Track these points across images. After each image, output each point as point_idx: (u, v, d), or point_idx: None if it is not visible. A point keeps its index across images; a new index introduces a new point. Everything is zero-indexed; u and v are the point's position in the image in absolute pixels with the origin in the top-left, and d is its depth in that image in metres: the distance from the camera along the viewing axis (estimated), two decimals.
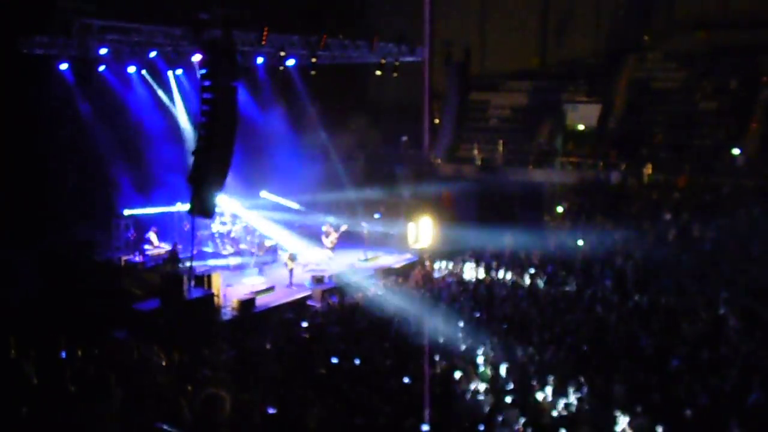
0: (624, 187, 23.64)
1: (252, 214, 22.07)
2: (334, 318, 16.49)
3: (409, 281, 19.83)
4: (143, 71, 21.41)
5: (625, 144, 26.22)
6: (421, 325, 14.20)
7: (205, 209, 16.34)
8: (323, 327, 15.66)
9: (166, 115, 22.27)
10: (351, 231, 22.13)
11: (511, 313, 15.68)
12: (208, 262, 20.29)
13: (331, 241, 21.28)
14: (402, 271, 21.09)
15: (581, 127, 28.72)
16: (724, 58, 27.35)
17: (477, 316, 15.59)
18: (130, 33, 18.33)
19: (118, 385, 5.73)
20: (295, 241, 21.28)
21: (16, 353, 7.87)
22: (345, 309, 17.27)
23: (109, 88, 20.86)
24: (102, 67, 20.23)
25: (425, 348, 12.09)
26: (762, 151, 24.23)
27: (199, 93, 16.17)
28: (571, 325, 14.56)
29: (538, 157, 27.16)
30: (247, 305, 17.05)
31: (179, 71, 21.96)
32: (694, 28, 28.50)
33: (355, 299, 18.12)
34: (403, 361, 12.42)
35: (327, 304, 17.93)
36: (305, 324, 15.93)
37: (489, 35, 33.23)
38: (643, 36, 30.32)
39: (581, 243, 20.30)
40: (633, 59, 29.44)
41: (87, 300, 15.59)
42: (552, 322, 14.86)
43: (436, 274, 20.01)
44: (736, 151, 24.16)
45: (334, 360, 12.68)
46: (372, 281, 19.56)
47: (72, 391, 5.78)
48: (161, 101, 22.13)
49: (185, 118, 22.47)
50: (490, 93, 31.72)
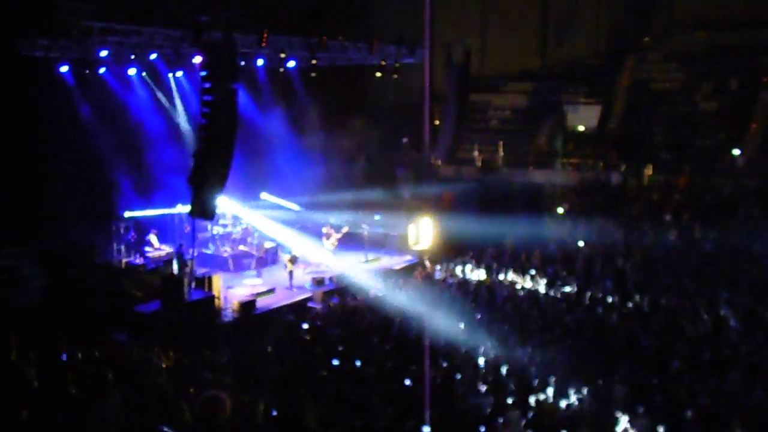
0: (624, 188, 23.64)
1: (253, 214, 22.07)
2: (335, 320, 16.49)
3: (410, 283, 19.81)
4: (143, 73, 21.42)
5: (625, 145, 26.23)
6: (422, 326, 14.17)
7: (205, 211, 16.32)
8: (324, 329, 15.66)
9: (166, 117, 22.26)
10: (351, 232, 22.12)
11: (512, 314, 15.68)
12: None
13: (331, 242, 21.26)
14: (403, 272, 21.07)
15: (581, 128, 28.73)
16: (724, 59, 27.36)
17: (478, 317, 15.59)
18: (131, 35, 18.36)
19: (118, 387, 5.74)
20: (297, 240, 21.26)
21: (17, 356, 7.87)
22: (346, 311, 17.26)
23: (109, 90, 20.86)
24: (102, 69, 20.24)
25: (426, 349, 12.07)
26: (762, 152, 24.24)
27: (200, 95, 16.17)
28: (571, 326, 14.56)
29: (538, 158, 27.18)
30: (247, 307, 17.05)
31: (179, 73, 21.97)
32: (694, 28, 28.51)
33: (358, 300, 18.12)
34: (404, 363, 12.42)
35: (328, 306, 17.92)
36: (306, 326, 15.93)
37: (489, 37, 33.26)
38: (643, 37, 30.34)
39: (582, 244, 20.31)
40: (633, 60, 29.46)
41: (88, 302, 15.61)
42: (553, 322, 14.86)
43: (436, 276, 20.00)
44: (737, 151, 24.17)
45: (335, 362, 12.68)
46: (376, 281, 19.59)
47: (73, 393, 5.79)
48: (161, 103, 22.13)
49: (185, 120, 22.48)
50: (490, 94, 31.73)
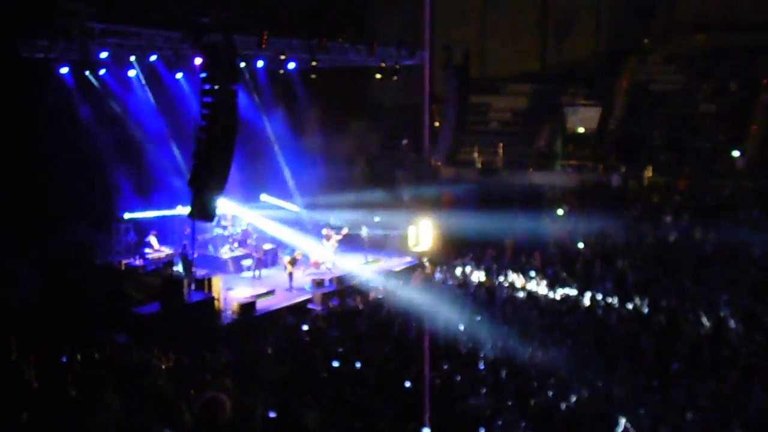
0: (624, 190, 23.64)
1: (254, 214, 22.08)
2: (335, 321, 16.48)
3: (410, 284, 19.80)
4: (143, 75, 21.39)
5: (625, 146, 26.24)
6: (422, 327, 14.16)
7: (205, 212, 16.33)
8: (324, 330, 15.64)
9: (166, 119, 22.24)
10: (351, 234, 22.11)
11: (512, 315, 15.67)
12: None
13: (331, 244, 21.26)
14: (402, 274, 21.06)
15: (581, 129, 28.73)
16: (723, 61, 27.39)
17: (478, 318, 15.57)
18: (131, 37, 18.34)
19: (117, 388, 5.73)
20: (298, 240, 21.27)
21: (17, 356, 7.87)
22: (346, 312, 17.25)
23: (109, 92, 20.84)
24: (102, 71, 20.22)
25: (426, 351, 12.05)
26: (762, 153, 24.25)
27: (200, 96, 16.18)
28: (571, 328, 14.55)
29: (538, 159, 27.18)
30: (247, 309, 17.03)
31: (179, 75, 21.96)
32: (694, 30, 28.53)
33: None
34: (403, 364, 12.41)
35: (327, 308, 17.92)
36: (306, 327, 15.92)
37: (489, 38, 33.28)
38: (643, 38, 30.35)
39: (582, 245, 20.31)
40: (633, 62, 29.48)
41: (87, 303, 15.60)
42: (553, 324, 14.85)
43: (436, 277, 19.99)
44: (736, 153, 24.17)
45: (334, 363, 12.67)
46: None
47: (72, 394, 5.78)
48: (161, 105, 22.11)
49: (186, 121, 22.44)
50: (490, 96, 31.76)
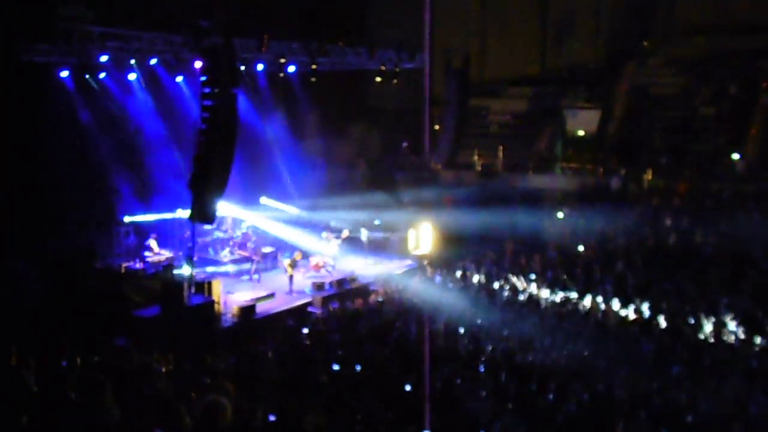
0: (624, 193, 23.64)
1: (254, 215, 22.13)
2: (335, 324, 16.47)
3: (410, 287, 19.79)
4: (143, 78, 21.42)
5: (625, 149, 26.24)
6: (422, 330, 14.18)
7: (205, 216, 16.35)
8: (324, 334, 15.64)
9: (166, 122, 22.26)
10: (351, 237, 22.11)
11: (512, 318, 15.66)
12: (207, 268, 20.27)
13: (332, 247, 21.27)
14: (403, 277, 21.04)
15: (581, 132, 28.74)
16: (723, 63, 27.38)
17: (478, 322, 15.57)
18: (131, 40, 18.38)
19: (117, 392, 5.72)
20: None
21: (17, 360, 7.86)
22: (346, 315, 17.25)
23: (109, 95, 20.88)
24: (103, 74, 20.26)
25: (426, 354, 12.06)
26: (762, 156, 24.25)
27: (200, 100, 16.20)
28: (572, 330, 14.56)
29: (538, 163, 27.18)
30: (247, 312, 17.03)
31: (180, 78, 21.99)
32: (694, 33, 28.53)
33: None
34: (404, 368, 12.40)
35: (328, 311, 17.91)
36: (306, 331, 15.92)
37: (489, 41, 33.30)
38: (643, 41, 30.36)
39: (582, 248, 20.31)
40: (632, 65, 29.48)
41: (87, 306, 15.59)
42: (553, 327, 14.86)
43: (436, 280, 19.98)
44: (736, 156, 24.17)
45: (335, 366, 12.66)
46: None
47: (72, 398, 5.77)
48: (161, 108, 22.13)
49: (186, 124, 22.46)
50: (490, 99, 31.76)
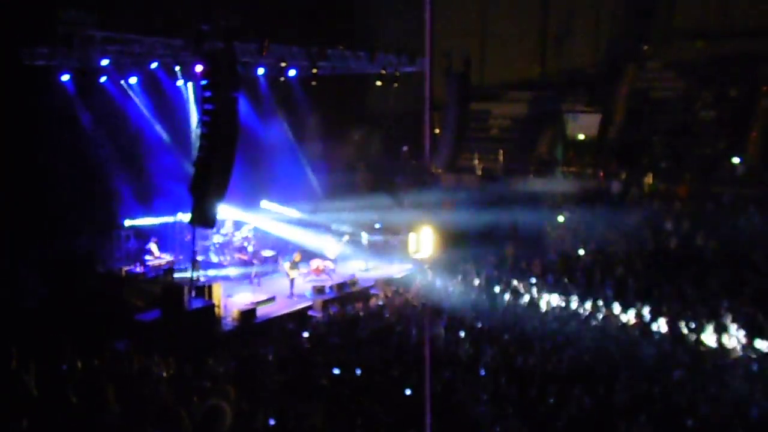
0: (625, 197, 23.63)
1: (255, 217, 22.16)
2: (336, 328, 16.47)
3: (411, 291, 19.79)
4: (144, 82, 21.44)
5: (625, 153, 26.24)
6: (423, 334, 14.18)
7: (206, 219, 16.34)
8: (324, 337, 15.63)
9: (167, 126, 22.29)
10: (351, 240, 22.12)
11: (513, 322, 15.65)
12: (208, 272, 20.28)
13: (332, 252, 21.29)
14: (403, 281, 21.04)
15: (582, 136, 28.76)
16: (723, 67, 27.39)
17: (479, 325, 15.56)
18: (132, 44, 18.39)
19: (118, 395, 5.72)
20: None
21: (17, 364, 7.85)
22: (346, 319, 17.24)
23: (110, 99, 20.89)
24: (103, 78, 20.28)
25: (427, 358, 12.05)
26: (762, 160, 24.25)
27: (200, 104, 16.21)
28: (572, 335, 14.54)
29: (538, 166, 27.18)
30: (248, 316, 17.02)
31: (180, 82, 22.02)
32: (694, 37, 28.55)
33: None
34: (404, 372, 12.39)
35: (328, 315, 17.91)
36: (306, 334, 15.91)
37: (489, 45, 33.33)
38: (643, 45, 30.39)
39: (582, 252, 20.31)
40: (633, 69, 29.49)
41: (88, 310, 15.58)
42: (554, 331, 14.84)
43: (437, 284, 19.97)
44: (737, 159, 24.17)
45: (335, 370, 12.65)
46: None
47: (73, 402, 5.77)
48: (162, 112, 22.15)
49: (186, 128, 22.49)
50: (490, 103, 31.79)
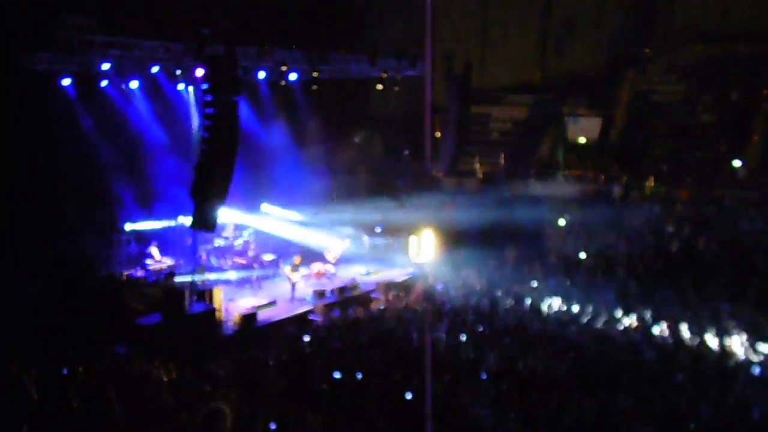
0: (626, 200, 23.63)
1: (258, 221, 22.16)
2: (337, 332, 16.44)
3: (411, 295, 19.77)
4: (145, 86, 21.46)
5: (626, 157, 26.25)
6: (424, 337, 14.16)
7: (207, 223, 16.33)
8: (325, 341, 15.61)
9: (167, 130, 22.29)
10: (352, 244, 22.11)
11: (514, 326, 15.62)
12: (209, 276, 20.26)
13: (333, 255, 21.26)
14: (404, 284, 21.02)
15: (582, 139, 28.77)
16: (724, 70, 27.41)
17: (480, 329, 15.53)
18: (133, 48, 18.40)
19: (119, 399, 5.72)
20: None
21: (18, 368, 7.85)
22: (347, 323, 17.22)
23: (111, 103, 20.90)
24: (104, 82, 20.30)
25: (428, 362, 12.04)
26: (763, 163, 24.25)
27: (201, 108, 16.22)
28: (573, 338, 14.51)
29: (539, 170, 27.20)
30: (248, 320, 17.00)
31: (181, 86, 22.03)
32: (695, 40, 28.58)
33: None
34: (405, 375, 12.37)
35: (329, 319, 17.88)
36: (307, 338, 15.89)
37: (490, 49, 33.37)
38: (644, 49, 30.42)
39: (583, 255, 20.28)
40: (633, 72, 29.52)
41: (89, 315, 15.57)
42: (555, 334, 14.82)
43: (438, 288, 19.95)
44: (738, 162, 24.17)
45: (336, 374, 12.63)
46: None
47: (73, 406, 5.77)
48: (163, 116, 22.16)
49: (187, 132, 22.50)
50: (491, 106, 31.82)
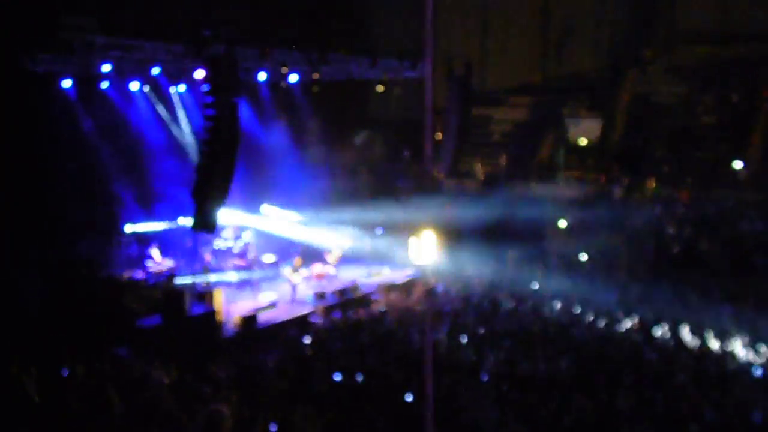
0: (627, 201, 23.63)
1: (258, 222, 22.17)
2: (337, 334, 16.44)
3: (412, 296, 19.77)
4: (146, 87, 21.46)
5: (627, 158, 26.24)
6: (425, 339, 14.12)
7: (207, 225, 16.32)
8: (326, 343, 15.60)
9: (168, 131, 22.29)
10: (353, 246, 22.10)
11: (515, 328, 15.62)
12: (209, 277, 20.26)
13: (333, 257, 21.26)
14: (404, 286, 21.01)
15: (583, 141, 28.76)
16: (725, 72, 27.41)
17: (481, 331, 15.53)
18: (133, 50, 18.40)
19: (119, 401, 5.71)
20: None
21: (18, 370, 7.84)
22: (348, 325, 17.21)
23: (111, 104, 20.89)
24: (105, 84, 20.30)
25: (429, 363, 12.01)
26: (764, 164, 24.24)
27: (202, 109, 16.21)
28: (575, 339, 14.51)
29: (540, 171, 27.20)
30: (249, 322, 16.99)
31: (182, 87, 22.02)
32: (695, 41, 28.57)
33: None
34: (406, 377, 12.35)
35: (330, 320, 17.87)
36: (308, 340, 15.88)
37: (490, 50, 33.36)
38: (645, 50, 30.41)
39: (584, 257, 20.29)
40: (634, 73, 29.50)
41: (89, 317, 15.55)
42: (556, 336, 14.81)
43: (438, 289, 19.94)
44: (738, 164, 24.16)
45: (336, 376, 12.61)
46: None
47: (74, 408, 5.76)
48: (163, 117, 22.16)
49: (187, 133, 22.51)
50: (492, 108, 31.80)
